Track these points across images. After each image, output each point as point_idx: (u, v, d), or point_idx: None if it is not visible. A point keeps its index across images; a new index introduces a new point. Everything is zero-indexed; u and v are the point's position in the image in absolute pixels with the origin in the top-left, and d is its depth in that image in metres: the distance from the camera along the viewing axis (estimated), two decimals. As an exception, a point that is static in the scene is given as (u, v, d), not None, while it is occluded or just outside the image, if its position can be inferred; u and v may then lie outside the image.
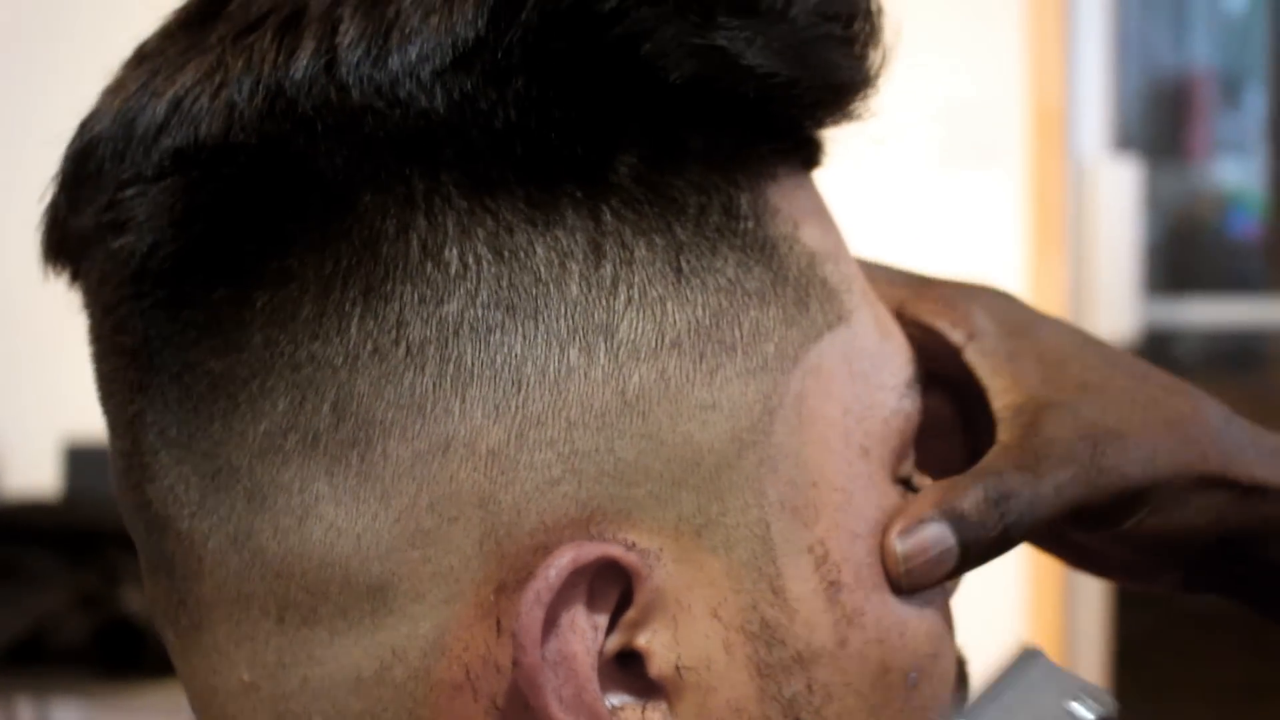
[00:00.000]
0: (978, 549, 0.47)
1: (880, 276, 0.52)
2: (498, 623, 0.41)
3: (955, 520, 0.46)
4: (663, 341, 0.42)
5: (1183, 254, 3.01)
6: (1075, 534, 0.54)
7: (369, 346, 0.41)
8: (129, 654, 2.40)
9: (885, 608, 0.45)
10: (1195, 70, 3.13)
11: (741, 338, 0.43)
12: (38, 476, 2.65)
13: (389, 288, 0.40)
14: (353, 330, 0.41)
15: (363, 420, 0.41)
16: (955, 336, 0.51)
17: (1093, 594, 2.38)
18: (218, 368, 0.42)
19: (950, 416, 0.54)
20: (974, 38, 2.30)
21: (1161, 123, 3.04)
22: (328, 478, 0.41)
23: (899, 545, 0.45)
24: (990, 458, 0.48)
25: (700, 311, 0.42)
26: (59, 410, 2.64)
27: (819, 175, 0.48)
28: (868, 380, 0.46)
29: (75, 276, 0.46)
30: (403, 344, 0.40)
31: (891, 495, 0.47)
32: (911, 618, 0.46)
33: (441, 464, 0.41)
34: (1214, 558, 0.53)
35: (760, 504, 0.43)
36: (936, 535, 0.46)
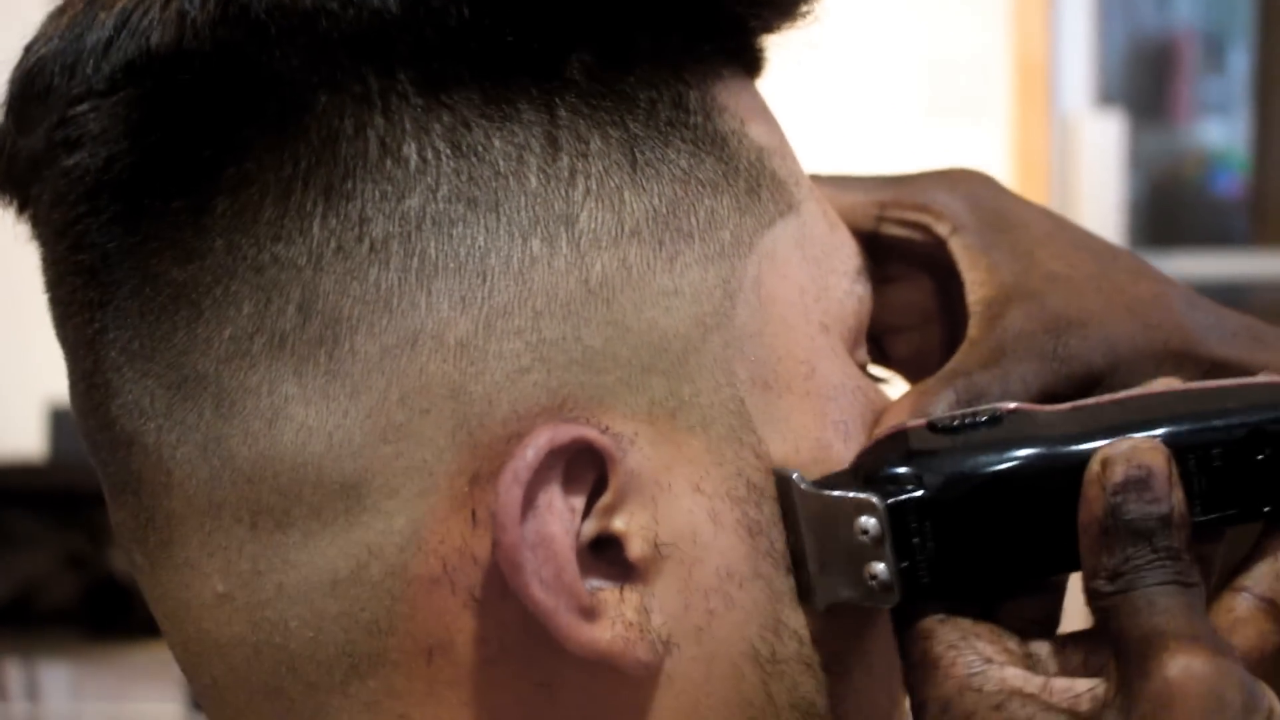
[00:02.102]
0: None
1: (856, 185, 0.53)
2: (473, 514, 0.41)
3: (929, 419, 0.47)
4: (622, 230, 0.43)
5: (1166, 210, 3.03)
6: None
7: (332, 245, 0.41)
8: (116, 614, 2.42)
9: None
10: (1179, 30, 3.14)
11: (698, 225, 0.44)
12: (22, 439, 2.65)
13: (349, 186, 0.41)
14: (315, 230, 0.41)
15: (329, 318, 0.41)
16: (940, 229, 0.52)
17: None
18: (180, 276, 0.42)
19: (932, 307, 0.55)
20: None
21: (1146, 82, 3.05)
22: (296, 378, 0.41)
23: None
24: (959, 356, 0.49)
25: (657, 200, 0.43)
26: (43, 373, 2.64)
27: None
28: (819, 265, 0.47)
29: (24, 206, 0.45)
30: (366, 241, 0.41)
31: (852, 367, 0.48)
32: None
33: (410, 357, 0.41)
34: None
35: (731, 382, 0.44)
36: None
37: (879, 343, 0.54)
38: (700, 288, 0.44)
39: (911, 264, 0.54)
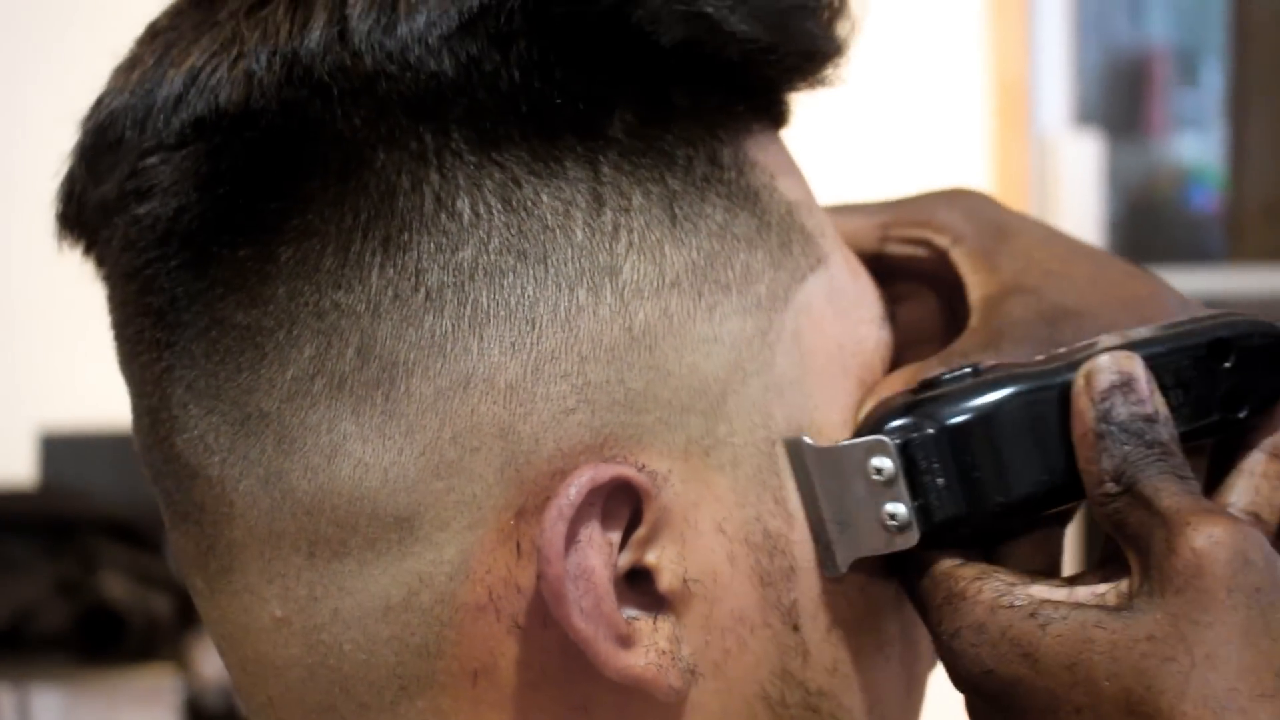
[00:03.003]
0: None
1: (858, 211, 0.55)
2: (518, 546, 0.43)
3: None
4: (663, 281, 0.44)
5: (1143, 227, 3.01)
6: None
7: (390, 293, 0.43)
8: (108, 640, 2.41)
9: None
10: (1154, 47, 3.14)
11: (735, 278, 0.46)
12: (13, 466, 2.64)
13: (406, 238, 0.43)
14: (373, 279, 0.43)
15: (386, 362, 0.43)
16: (941, 241, 0.54)
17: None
18: (245, 320, 0.44)
19: (939, 321, 0.56)
20: (937, 13, 2.31)
21: (1121, 99, 3.05)
22: (354, 417, 0.43)
23: None
24: (960, 338, 0.51)
25: (695, 254, 0.45)
26: (34, 400, 2.65)
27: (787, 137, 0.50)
28: (849, 316, 0.49)
29: (91, 247, 0.48)
30: (421, 290, 0.43)
31: None
32: (878, 579, 0.48)
33: (463, 399, 0.43)
34: None
35: (766, 424, 0.46)
36: None
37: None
38: (739, 337, 0.45)
39: (917, 281, 0.55)
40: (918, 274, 0.55)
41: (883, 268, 0.54)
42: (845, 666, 0.47)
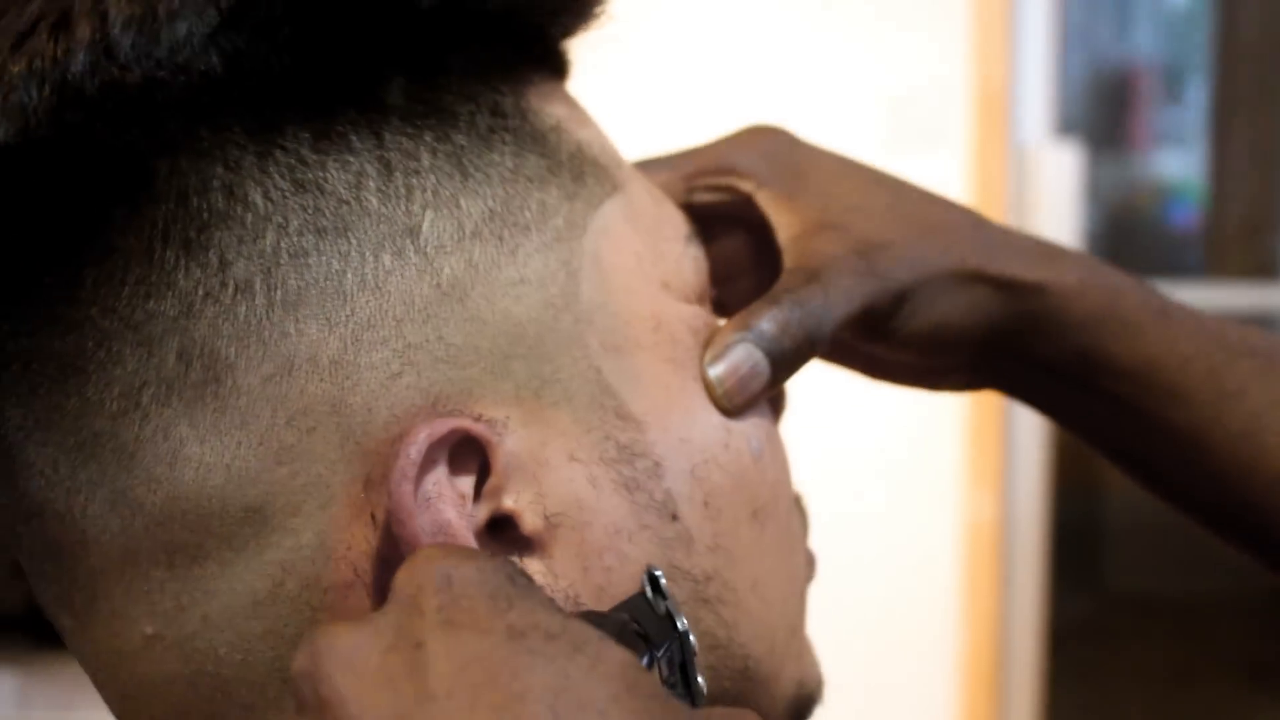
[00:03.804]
0: (784, 359, 0.52)
1: (659, 164, 0.58)
2: (372, 517, 0.43)
3: (758, 336, 0.51)
4: (463, 232, 0.45)
5: (1123, 241, 3.00)
6: (863, 344, 0.58)
7: (200, 292, 0.43)
8: (65, 624, 2.38)
9: (711, 424, 0.49)
10: (1138, 62, 3.13)
11: (533, 217, 0.47)
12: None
13: (206, 236, 0.43)
14: (181, 281, 0.43)
15: (209, 360, 0.43)
16: (745, 186, 0.56)
17: (1028, 579, 2.37)
18: (61, 347, 0.43)
19: (750, 256, 0.58)
20: (920, 23, 2.28)
21: (1103, 113, 3.05)
22: (188, 420, 0.43)
23: (711, 371, 0.50)
24: (779, 281, 0.53)
25: (491, 201, 0.46)
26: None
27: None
28: (651, 234, 0.51)
29: None
30: (230, 283, 0.43)
31: (698, 311, 0.51)
32: (736, 435, 0.50)
33: (289, 382, 0.43)
34: (990, 356, 0.59)
35: (586, 354, 0.47)
36: (743, 355, 0.51)
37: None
38: (544, 273, 0.46)
39: (725, 223, 0.57)
40: (725, 217, 0.57)
41: (692, 217, 0.55)
42: (725, 539, 0.48)
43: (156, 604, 0.44)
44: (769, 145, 0.58)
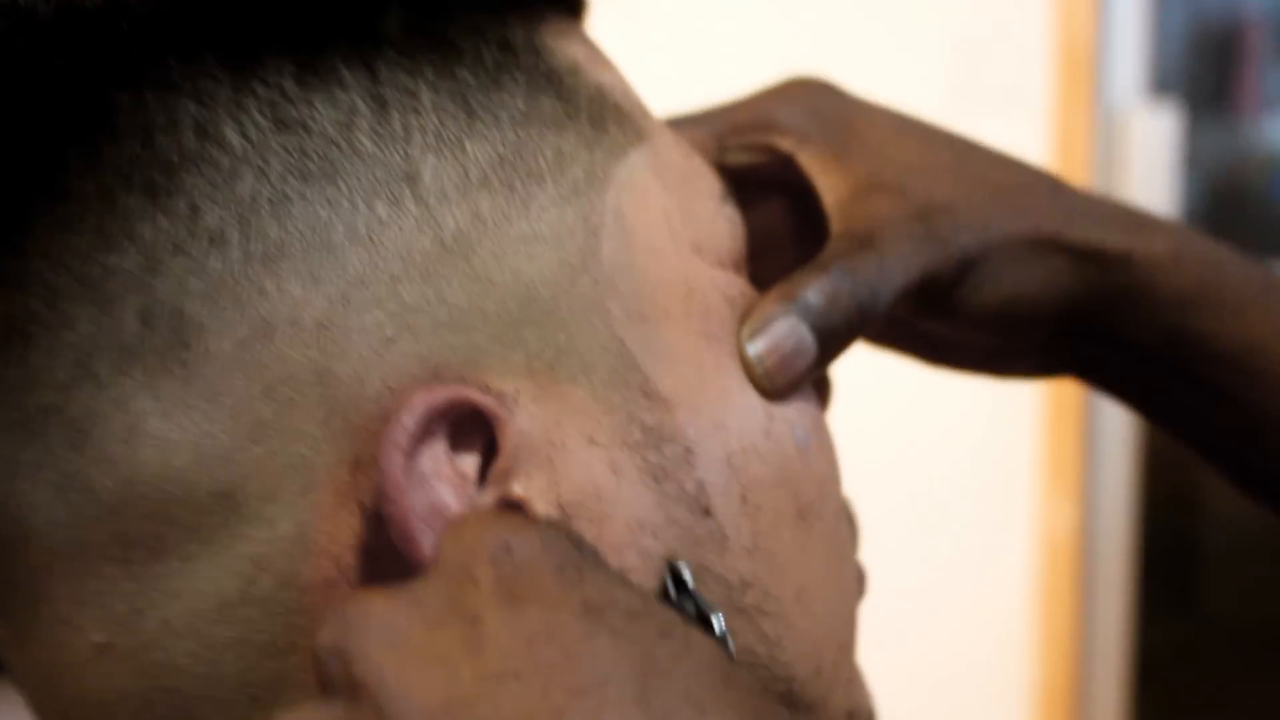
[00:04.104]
0: (834, 335, 0.49)
1: (688, 123, 0.55)
2: (360, 504, 0.41)
3: (803, 309, 0.49)
4: (469, 180, 0.43)
5: (1226, 217, 2.86)
6: (922, 321, 0.56)
7: (166, 244, 0.41)
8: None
9: (750, 407, 0.47)
10: (1247, 16, 2.96)
11: (548, 165, 0.45)
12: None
13: (173, 180, 0.41)
14: (145, 232, 0.41)
15: (175, 322, 0.41)
16: (785, 144, 0.54)
17: (1112, 601, 2.28)
18: (5, 309, 0.41)
19: (789, 228, 0.57)
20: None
21: (1206, 72, 2.88)
22: (149, 391, 0.41)
23: (750, 348, 0.48)
24: (828, 247, 0.51)
25: (500, 145, 0.44)
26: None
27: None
28: (682, 190, 0.48)
29: None
30: (201, 234, 0.41)
31: (734, 279, 0.49)
32: (778, 422, 0.47)
33: (267, 347, 0.41)
34: (1067, 337, 0.57)
35: (607, 322, 0.45)
36: (786, 329, 0.48)
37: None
38: (560, 229, 0.44)
39: (762, 188, 0.55)
40: (761, 182, 0.55)
41: (724, 180, 0.52)
42: (765, 540, 0.46)
43: (108, 607, 0.42)
44: (812, 99, 0.56)
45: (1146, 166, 2.21)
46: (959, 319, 0.54)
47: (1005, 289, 0.53)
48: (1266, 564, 2.63)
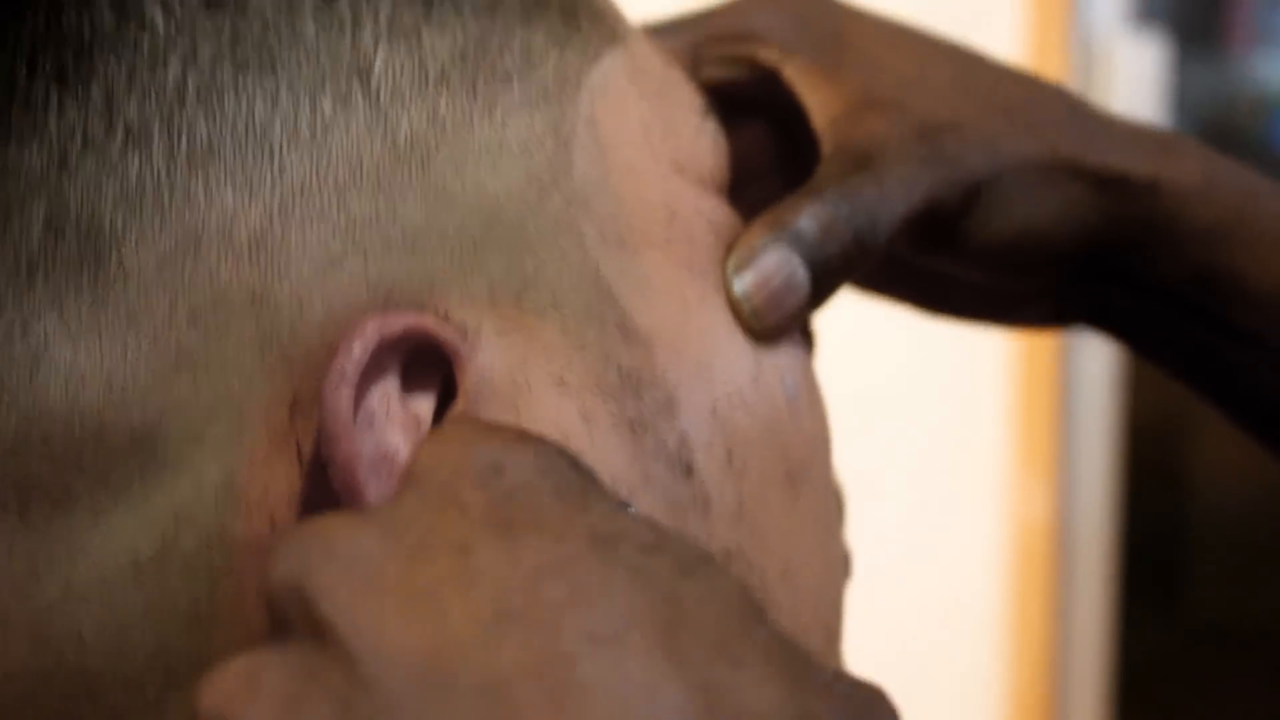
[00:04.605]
0: (829, 268, 0.47)
1: (661, 33, 0.53)
2: (299, 450, 0.38)
3: (795, 239, 0.46)
4: (426, 77, 0.41)
5: None
6: (922, 257, 0.53)
7: (77, 139, 0.38)
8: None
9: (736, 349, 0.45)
10: None
11: (514, 64, 0.43)
12: None
13: (87, 64, 0.38)
14: (52, 124, 0.38)
15: (87, 230, 0.38)
16: (769, 56, 0.52)
17: (1091, 596, 2.19)
18: None
19: (772, 152, 0.55)
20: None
21: (1195, 1, 2.82)
22: (56, 312, 0.38)
23: (736, 284, 0.45)
24: (819, 169, 0.48)
25: (461, 37, 0.42)
26: None
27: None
28: (661, 100, 0.47)
29: None
30: (119, 128, 0.38)
31: (718, 205, 0.47)
32: (767, 368, 0.46)
33: (195, 263, 0.38)
34: (1086, 277, 0.55)
35: (580, 245, 0.42)
36: (777, 262, 0.46)
37: None
38: (528, 137, 0.42)
39: (741, 108, 0.53)
40: (742, 100, 0.53)
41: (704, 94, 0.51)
42: (751, 505, 0.44)
43: (2, 567, 0.38)
44: (798, 6, 0.53)
45: (1127, 101, 2.08)
46: (965, 253, 0.52)
47: (1017, 220, 0.51)
48: (1259, 558, 2.60)
